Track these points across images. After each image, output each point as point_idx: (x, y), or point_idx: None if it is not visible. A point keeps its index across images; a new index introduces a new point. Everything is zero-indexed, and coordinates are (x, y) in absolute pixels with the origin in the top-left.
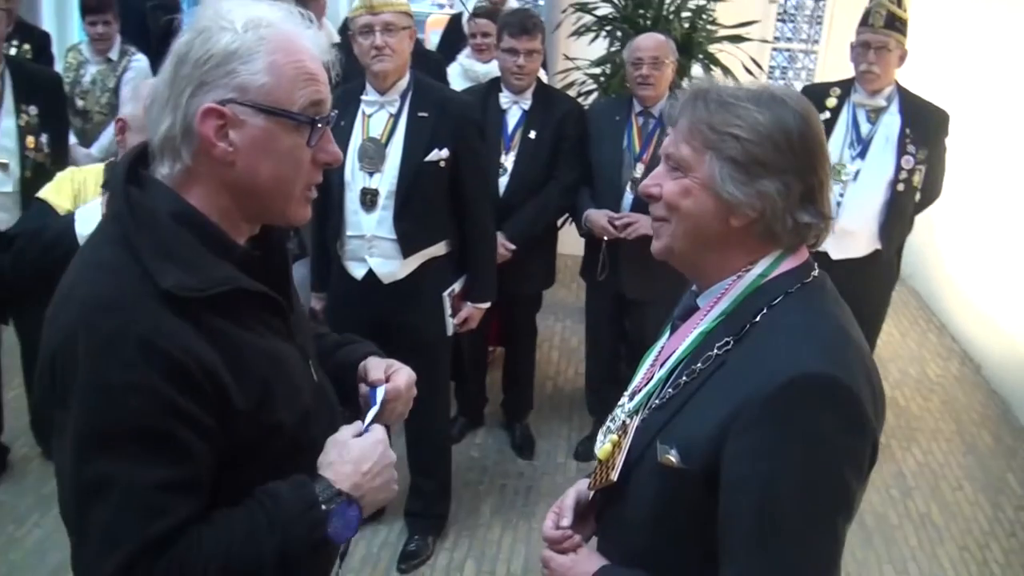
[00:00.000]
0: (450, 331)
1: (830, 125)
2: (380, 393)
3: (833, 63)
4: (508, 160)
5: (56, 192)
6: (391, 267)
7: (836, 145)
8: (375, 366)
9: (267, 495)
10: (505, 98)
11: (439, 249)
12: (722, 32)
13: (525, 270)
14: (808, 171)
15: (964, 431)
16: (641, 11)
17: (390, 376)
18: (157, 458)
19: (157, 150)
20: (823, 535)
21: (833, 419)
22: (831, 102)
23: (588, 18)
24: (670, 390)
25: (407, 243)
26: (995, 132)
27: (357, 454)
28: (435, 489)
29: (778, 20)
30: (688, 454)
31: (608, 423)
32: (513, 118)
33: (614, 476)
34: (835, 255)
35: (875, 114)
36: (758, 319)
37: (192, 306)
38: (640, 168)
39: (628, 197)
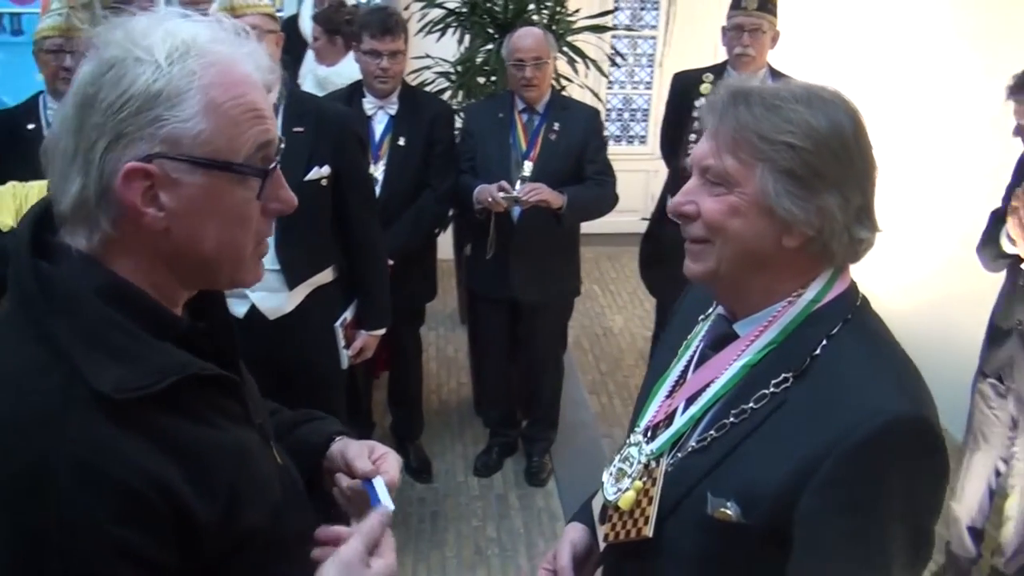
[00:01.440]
0: (345, 364)
1: None
2: (381, 487)
3: (678, 48)
4: (378, 170)
5: None
6: (276, 301)
7: None
8: (357, 453)
9: None
10: (369, 104)
11: (326, 276)
12: (581, 23)
13: (406, 284)
14: (866, 180)
15: None
16: (495, 3)
17: (378, 463)
18: None
19: (68, 217)
20: None
21: (927, 468)
22: (705, 88)
23: (436, 13)
24: (713, 432)
25: (292, 273)
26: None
27: None
28: None
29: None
30: (750, 508)
31: (618, 464)
32: (380, 125)
33: (649, 531)
34: None
35: None
36: (819, 352)
37: (134, 408)
38: (528, 166)
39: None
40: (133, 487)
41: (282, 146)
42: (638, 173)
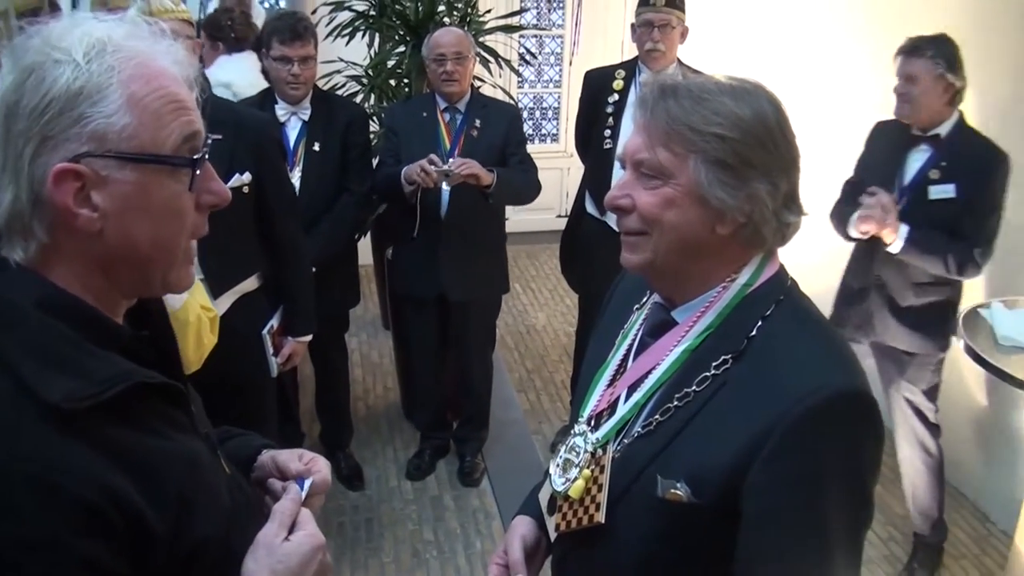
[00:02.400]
0: (274, 371)
1: (620, 107)
2: (307, 486)
3: (586, 47)
4: (294, 176)
5: None
6: None
7: (627, 129)
8: (288, 458)
9: None
10: (282, 110)
11: (251, 284)
12: (492, 23)
13: (328, 290)
14: (792, 166)
15: None
16: (405, 5)
17: (309, 465)
18: None
19: (3, 230)
20: (857, 553)
21: (866, 436)
22: (618, 84)
23: (345, 16)
24: (659, 417)
25: (217, 281)
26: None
27: (295, 565)
28: None
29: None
30: (699, 488)
31: (564, 455)
32: (293, 131)
33: (601, 517)
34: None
35: None
36: (755, 333)
37: (84, 419)
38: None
39: (445, 194)
40: (88, 499)
41: (209, 140)
42: (552, 171)
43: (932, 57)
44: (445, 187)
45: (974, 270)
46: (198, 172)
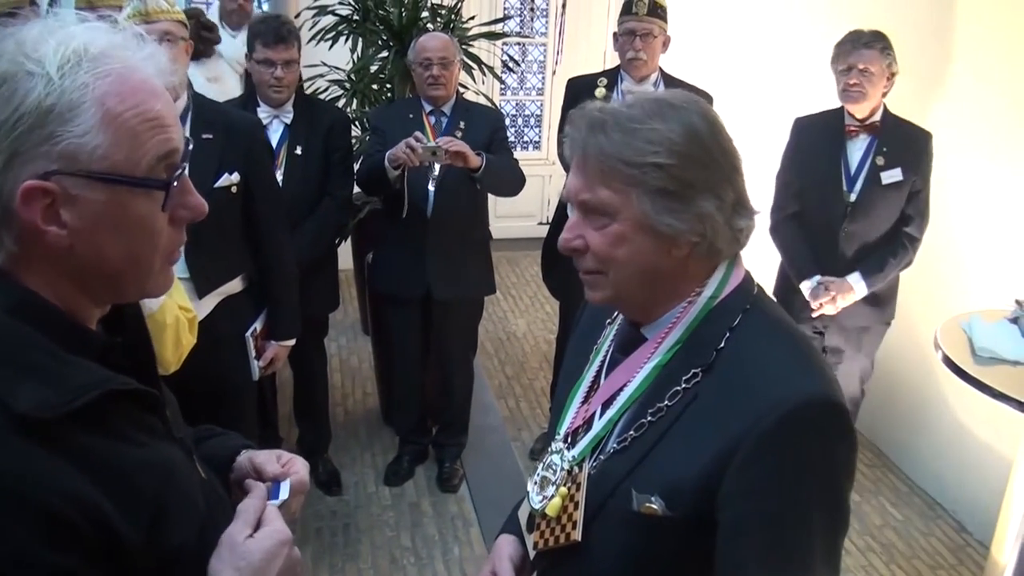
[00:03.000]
0: (256, 375)
1: None
2: (285, 488)
3: (568, 55)
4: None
5: None
6: None
7: None
8: (266, 459)
9: None
10: (264, 113)
11: (236, 285)
12: (476, 30)
13: (308, 293)
14: (734, 173)
15: None
16: (388, 11)
17: (287, 467)
18: None
19: None
20: (835, 558)
21: (839, 442)
22: (600, 92)
23: (328, 20)
24: (633, 432)
25: (202, 281)
26: (755, 116)
27: (258, 562)
28: None
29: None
30: (674, 500)
31: (542, 472)
32: (275, 134)
33: (577, 535)
34: None
35: None
36: (723, 345)
37: (54, 428)
38: (437, 168)
39: (431, 193)
40: (59, 511)
41: (190, 147)
42: (533, 178)
43: (883, 50)
44: (436, 169)
45: (918, 245)
46: (174, 189)
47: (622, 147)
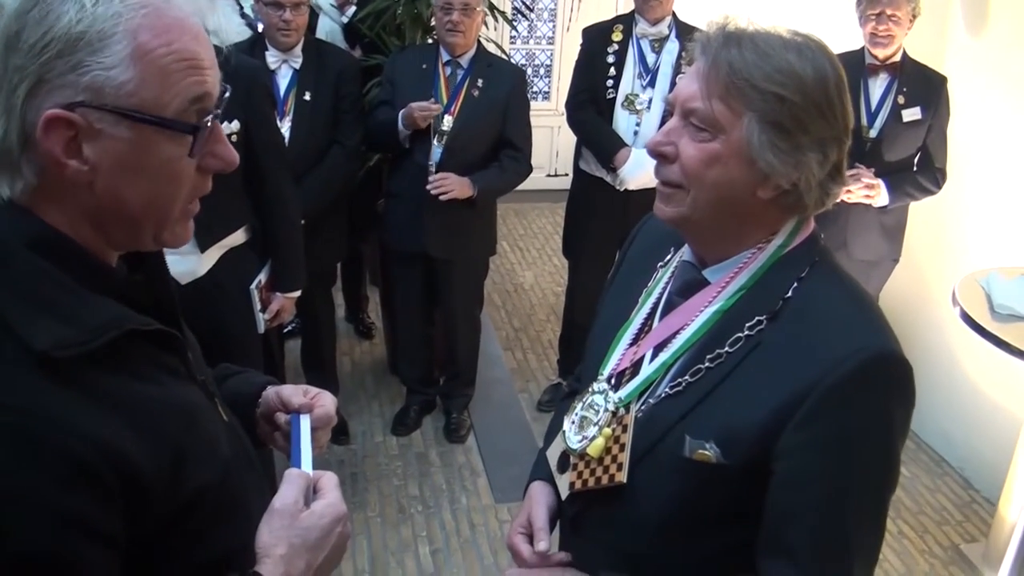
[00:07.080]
0: (261, 328)
1: (621, 56)
2: (305, 423)
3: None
4: (284, 127)
5: None
6: (188, 264)
7: (628, 77)
8: (292, 392)
9: None
10: (272, 57)
11: (239, 237)
12: None
13: (317, 244)
14: (845, 134)
15: None
16: None
17: (314, 400)
18: None
19: None
20: (882, 515)
21: (902, 398)
22: (617, 36)
23: None
24: (688, 378)
25: (204, 234)
26: None
27: (314, 540)
28: None
29: None
30: (730, 448)
31: (581, 412)
32: (284, 79)
33: (623, 477)
34: (631, 186)
35: (659, 43)
36: (790, 294)
37: (73, 367)
38: (449, 120)
39: (437, 151)
40: (75, 452)
41: (227, 95)
42: (543, 129)
43: None
44: (446, 122)
45: (942, 181)
46: (203, 135)
47: (753, 68)
